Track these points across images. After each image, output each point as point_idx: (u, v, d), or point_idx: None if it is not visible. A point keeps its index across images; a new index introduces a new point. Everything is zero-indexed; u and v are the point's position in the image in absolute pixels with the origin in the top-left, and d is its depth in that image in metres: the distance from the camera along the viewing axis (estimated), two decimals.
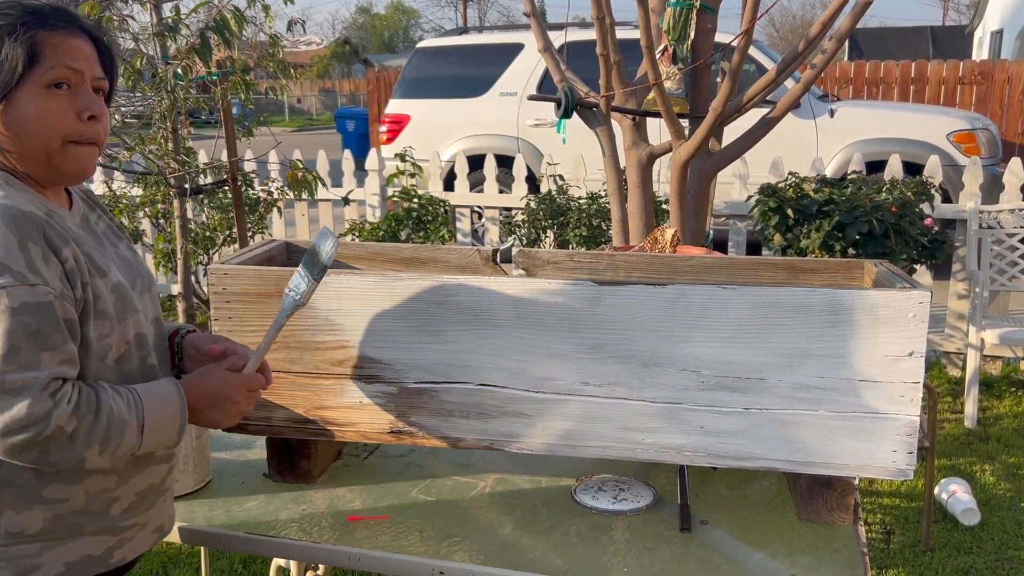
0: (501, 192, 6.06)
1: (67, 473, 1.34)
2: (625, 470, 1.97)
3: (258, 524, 1.76)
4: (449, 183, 6.21)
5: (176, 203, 4.30)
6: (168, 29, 3.92)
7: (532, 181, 6.17)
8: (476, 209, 6.45)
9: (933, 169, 4.91)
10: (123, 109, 4.50)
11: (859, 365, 1.62)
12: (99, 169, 5.81)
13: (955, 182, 6.16)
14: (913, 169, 5.87)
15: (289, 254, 2.16)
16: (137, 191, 5.27)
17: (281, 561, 2.49)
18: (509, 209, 5.94)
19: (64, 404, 1.24)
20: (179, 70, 3.85)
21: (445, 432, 1.79)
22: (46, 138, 1.31)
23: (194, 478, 1.88)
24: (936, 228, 4.20)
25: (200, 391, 1.43)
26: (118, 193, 5.27)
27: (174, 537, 1.75)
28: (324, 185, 4.47)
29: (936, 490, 3.52)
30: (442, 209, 5.72)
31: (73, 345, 1.29)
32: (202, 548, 2.78)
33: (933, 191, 4.39)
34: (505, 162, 6.73)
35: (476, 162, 6.54)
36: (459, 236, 6.05)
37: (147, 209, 5.20)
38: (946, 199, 5.55)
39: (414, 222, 5.53)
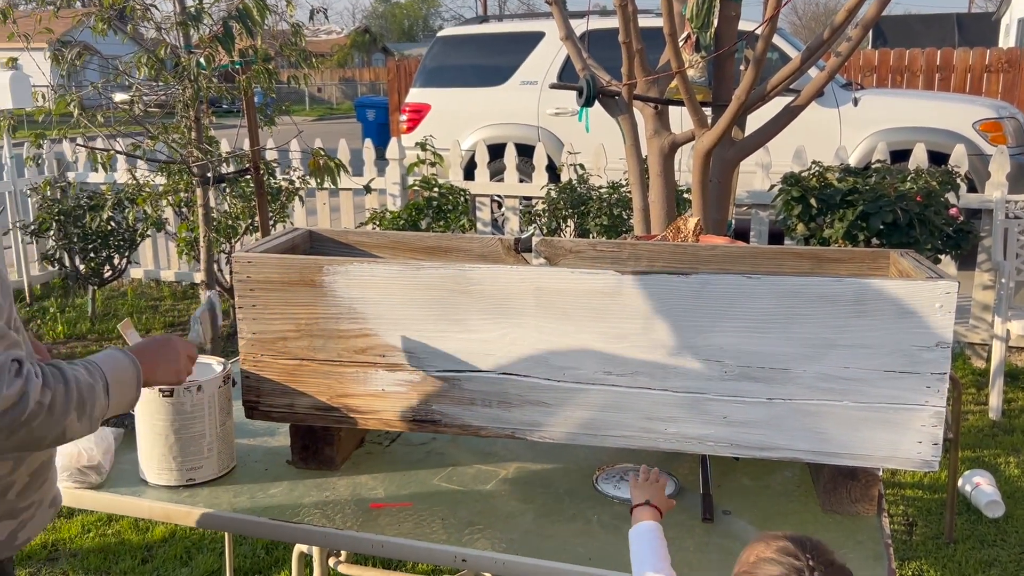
0: (521, 181, 6.05)
1: None
2: (647, 459, 1.97)
3: (282, 510, 1.77)
4: (469, 172, 6.20)
5: (199, 192, 4.32)
6: (191, 18, 3.93)
7: (552, 170, 6.15)
8: (496, 198, 6.44)
9: (959, 158, 4.85)
10: (146, 98, 4.53)
11: (884, 355, 1.60)
12: (123, 158, 5.86)
13: (981, 171, 6.08)
14: (938, 158, 5.80)
15: (312, 242, 2.17)
16: (160, 180, 5.30)
17: (303, 547, 2.51)
18: (529, 198, 5.93)
19: (33, 379, 1.28)
20: (202, 59, 3.86)
21: (467, 420, 1.80)
22: None
23: (218, 465, 1.89)
24: (961, 218, 4.15)
25: (144, 346, 1.55)
26: (141, 182, 5.30)
27: (191, 522, 1.77)
28: (347, 172, 4.48)
29: (960, 482, 3.49)
30: (462, 198, 5.71)
31: (11, 331, 1.33)
32: (226, 534, 2.81)
33: (959, 180, 4.33)
34: (525, 151, 6.72)
35: (496, 151, 6.53)
36: (479, 225, 6.04)
37: (170, 198, 5.22)
38: (972, 189, 5.49)
39: (434, 211, 5.53)
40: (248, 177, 4.68)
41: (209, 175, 4.25)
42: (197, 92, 3.92)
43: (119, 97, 4.62)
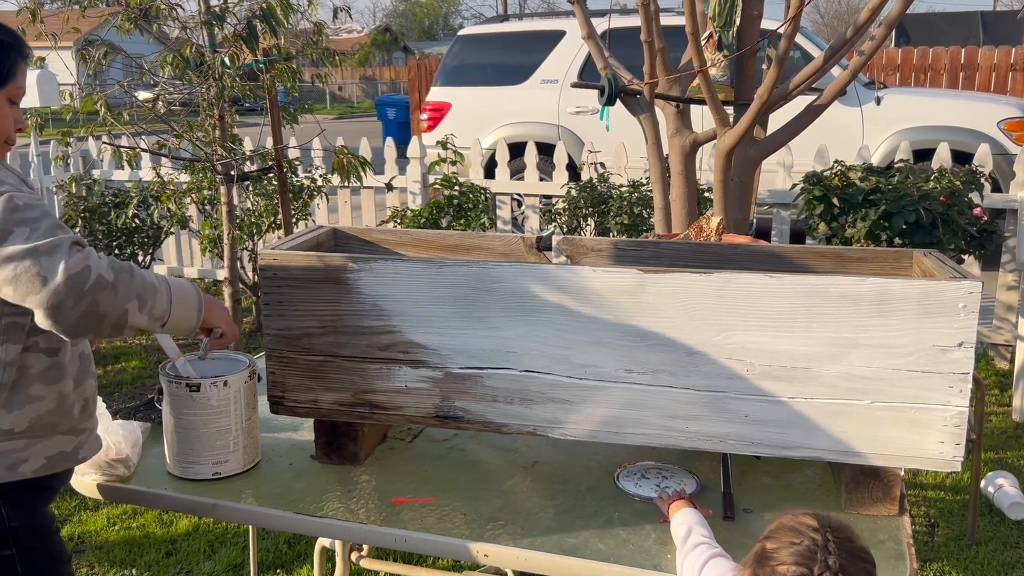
0: (542, 180, 6.06)
1: (46, 373, 1.58)
2: (668, 457, 1.97)
3: (306, 505, 1.80)
4: (490, 171, 6.22)
5: (223, 189, 4.36)
6: (215, 17, 3.97)
7: (573, 169, 6.15)
8: (516, 197, 6.45)
9: (983, 158, 4.81)
10: (170, 96, 4.58)
11: (907, 355, 1.60)
12: (147, 156, 5.92)
13: (1005, 171, 6.03)
14: (962, 158, 5.75)
15: (336, 240, 2.19)
16: (184, 177, 5.36)
17: (326, 541, 2.54)
18: (549, 197, 5.94)
19: (95, 256, 1.45)
20: (226, 58, 3.90)
21: (489, 417, 1.81)
22: None
23: (244, 459, 1.92)
24: (985, 218, 4.12)
25: (209, 298, 1.72)
26: (166, 179, 5.36)
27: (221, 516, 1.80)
28: (371, 170, 4.51)
29: (983, 483, 3.46)
30: (483, 197, 5.73)
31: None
32: (250, 527, 2.84)
33: (982, 180, 4.30)
34: (546, 150, 6.72)
35: (517, 150, 6.54)
36: (499, 224, 6.06)
37: (194, 195, 5.28)
38: (996, 188, 5.44)
39: (455, 209, 5.55)
40: (271, 175, 4.72)
41: (233, 173, 4.29)
42: (222, 91, 3.96)
43: (143, 95, 4.67)
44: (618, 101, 3.33)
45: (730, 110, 3.23)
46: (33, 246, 1.41)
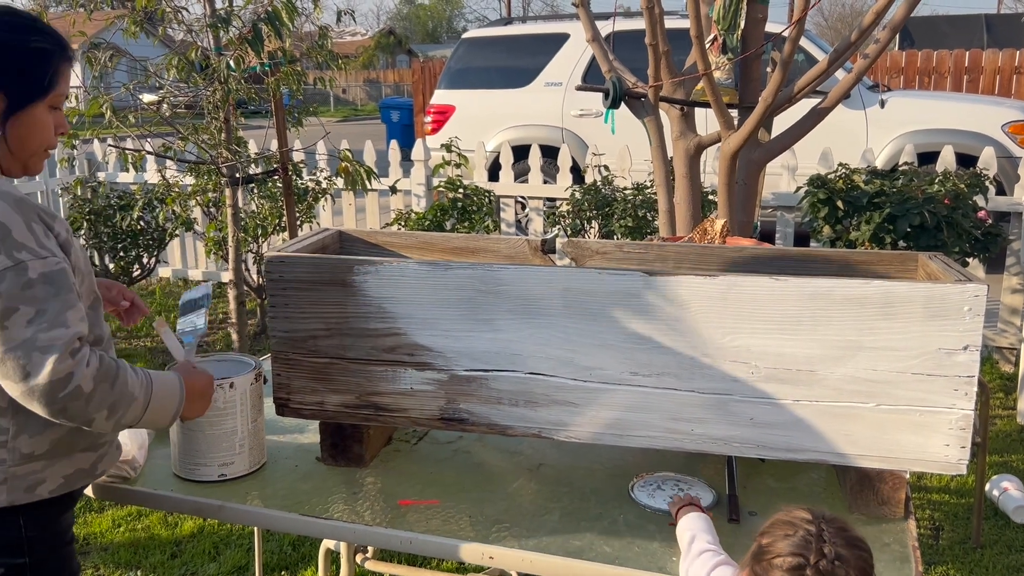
0: (545, 183, 6.06)
1: None
2: (673, 459, 1.97)
3: (311, 506, 1.80)
4: (494, 173, 6.23)
5: (228, 192, 4.37)
6: (221, 20, 3.98)
7: (577, 172, 6.16)
8: (520, 199, 6.46)
9: (987, 161, 4.81)
10: (175, 99, 4.59)
11: (912, 358, 1.60)
12: (152, 158, 5.93)
13: (1010, 174, 6.02)
14: (966, 161, 5.75)
15: (342, 242, 2.20)
16: (189, 180, 5.37)
17: (330, 543, 2.54)
18: (553, 200, 5.95)
19: (83, 366, 1.43)
20: (231, 61, 3.91)
21: (494, 419, 1.82)
22: (36, 146, 1.55)
23: (249, 461, 1.92)
24: (990, 221, 4.12)
25: (193, 384, 1.69)
26: (171, 182, 5.37)
27: (226, 518, 1.80)
28: (376, 178, 4.52)
29: (987, 487, 3.46)
30: (487, 199, 5.74)
31: (81, 303, 1.49)
32: (255, 529, 2.84)
33: (987, 183, 4.29)
34: (550, 152, 6.73)
35: (521, 152, 6.55)
36: (503, 226, 6.07)
37: (199, 198, 5.29)
38: (1000, 191, 5.44)
39: (459, 212, 5.56)
40: (276, 178, 4.73)
41: (238, 175, 4.30)
42: (227, 93, 3.97)
43: (148, 98, 4.68)
44: (622, 104, 3.34)
45: (734, 113, 3.24)
46: (31, 338, 1.39)
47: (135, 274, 5.96)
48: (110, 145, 5.91)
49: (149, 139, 4.77)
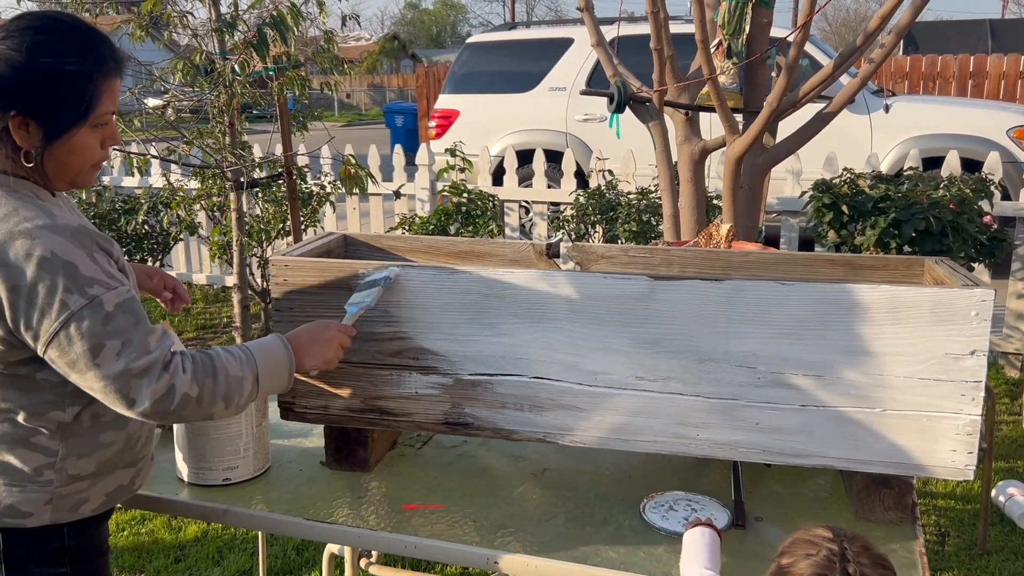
0: (550, 187, 6.07)
1: (119, 419, 1.55)
2: (678, 464, 1.97)
3: (316, 511, 1.80)
4: (498, 178, 6.23)
5: (232, 196, 4.37)
6: (226, 25, 3.99)
7: (581, 176, 6.15)
8: (524, 204, 6.46)
9: (992, 165, 4.80)
10: (180, 103, 4.59)
11: (919, 363, 1.60)
12: (157, 162, 5.94)
13: (1015, 179, 6.01)
14: (972, 166, 5.74)
15: (347, 246, 2.19)
16: (194, 184, 5.38)
17: (334, 548, 2.54)
18: (557, 204, 5.94)
19: (180, 374, 1.45)
20: (236, 65, 3.92)
21: (499, 424, 1.81)
22: (80, 166, 1.49)
23: (254, 465, 1.92)
24: (995, 226, 4.11)
25: (299, 334, 1.66)
26: (175, 186, 5.38)
27: (232, 521, 1.80)
28: (375, 181, 4.52)
29: (993, 492, 3.43)
30: (491, 204, 5.74)
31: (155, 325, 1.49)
32: (259, 533, 2.84)
33: (992, 188, 4.29)
34: (554, 157, 6.73)
35: (525, 157, 6.55)
36: (507, 231, 6.07)
37: (203, 202, 5.30)
38: (1006, 196, 5.43)
39: (463, 216, 5.56)
40: (281, 182, 4.73)
41: (242, 180, 4.30)
42: (232, 98, 3.98)
43: (152, 102, 4.69)
44: (627, 108, 3.34)
45: (739, 117, 3.23)
46: (126, 369, 1.40)
47: None
48: (115, 149, 5.91)
49: (154, 143, 4.78)
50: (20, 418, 1.46)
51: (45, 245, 1.36)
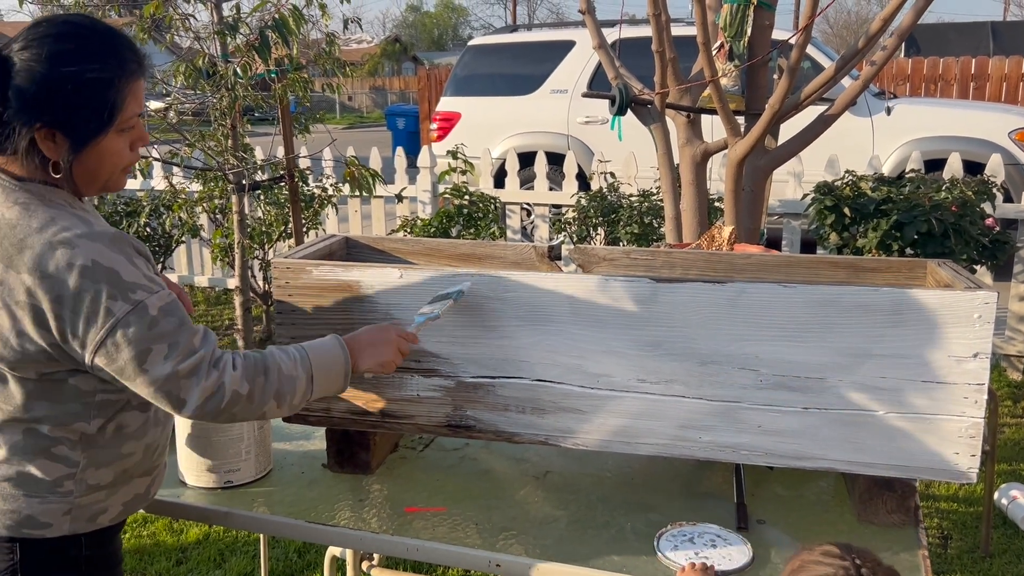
0: (551, 189, 6.07)
1: (140, 429, 1.54)
2: (680, 467, 1.97)
3: (318, 513, 1.80)
4: (499, 180, 6.23)
5: (234, 199, 4.38)
6: (228, 28, 3.99)
7: (582, 179, 6.16)
8: (526, 206, 6.45)
9: (995, 168, 4.79)
10: (182, 106, 4.60)
11: (922, 366, 1.60)
12: (159, 164, 5.95)
13: (1017, 181, 6.01)
14: (973, 168, 5.73)
15: (348, 249, 2.19)
16: (196, 186, 5.38)
17: (336, 550, 2.53)
18: (559, 206, 5.94)
19: (230, 370, 1.45)
20: (238, 68, 3.92)
21: (501, 426, 1.81)
22: (110, 171, 1.47)
23: (256, 467, 1.92)
24: (997, 228, 4.11)
25: (358, 336, 1.66)
26: (178, 188, 5.39)
27: (233, 524, 1.80)
28: (382, 182, 4.52)
29: (996, 495, 3.43)
30: (492, 206, 5.74)
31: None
32: (261, 536, 2.84)
33: (994, 190, 4.28)
34: (555, 159, 6.73)
35: (526, 159, 6.55)
36: (509, 233, 6.06)
37: (205, 204, 5.30)
38: (1008, 199, 5.42)
39: (465, 219, 5.56)
40: (282, 184, 4.73)
41: (244, 182, 4.30)
42: (234, 100, 3.98)
43: (155, 105, 4.69)
44: (629, 111, 3.34)
45: (741, 120, 3.23)
46: (173, 371, 1.40)
47: None
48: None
49: (156, 146, 4.78)
50: (45, 429, 1.45)
51: (86, 254, 1.35)
